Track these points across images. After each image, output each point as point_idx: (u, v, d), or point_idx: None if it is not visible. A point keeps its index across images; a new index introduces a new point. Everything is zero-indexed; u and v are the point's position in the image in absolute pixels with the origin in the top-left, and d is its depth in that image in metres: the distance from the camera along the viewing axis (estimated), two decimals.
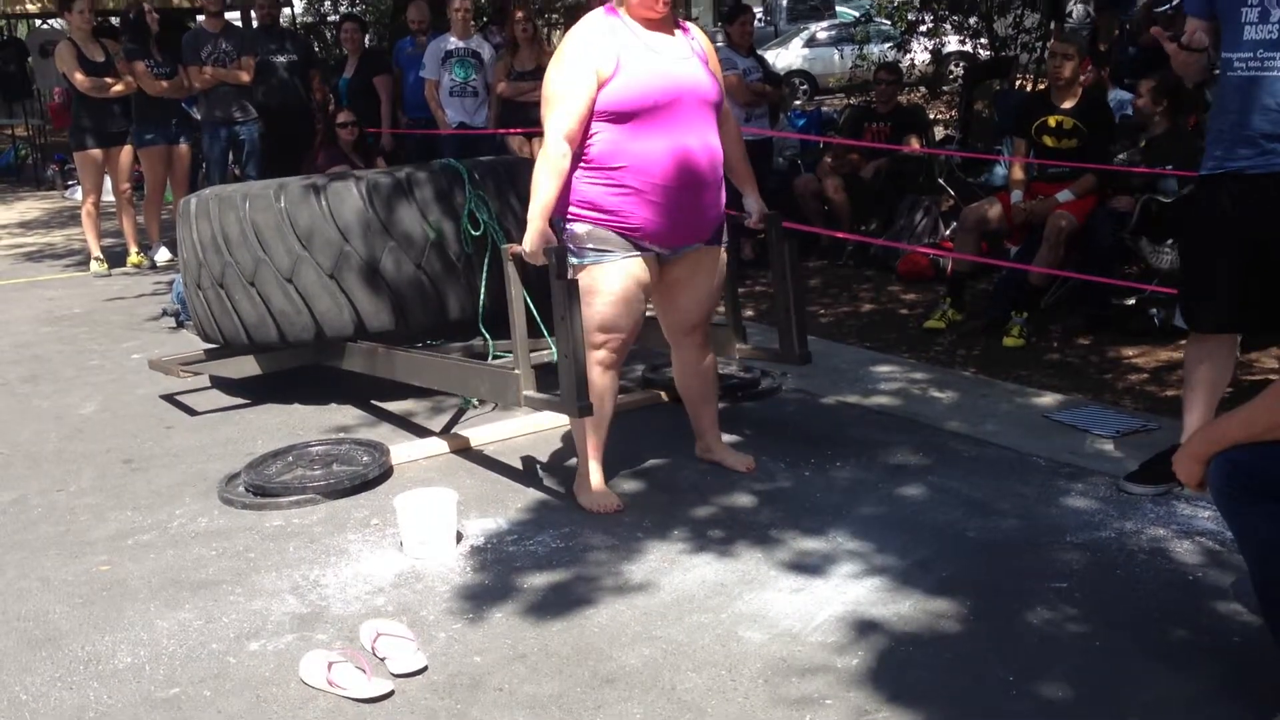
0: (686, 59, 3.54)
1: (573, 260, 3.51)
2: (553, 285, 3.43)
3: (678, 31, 3.60)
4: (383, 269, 4.58)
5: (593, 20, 3.52)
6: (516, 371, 3.74)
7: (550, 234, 3.47)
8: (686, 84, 3.49)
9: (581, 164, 3.49)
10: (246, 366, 4.92)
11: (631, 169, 3.45)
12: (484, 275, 4.62)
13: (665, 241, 3.57)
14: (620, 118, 3.44)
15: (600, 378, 3.62)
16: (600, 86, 3.42)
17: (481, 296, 4.65)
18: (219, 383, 5.22)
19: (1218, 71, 3.42)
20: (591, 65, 3.42)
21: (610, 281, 3.53)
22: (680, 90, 3.47)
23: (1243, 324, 3.49)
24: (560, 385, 3.53)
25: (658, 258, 3.60)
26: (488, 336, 4.65)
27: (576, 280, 3.45)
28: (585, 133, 3.46)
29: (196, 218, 4.76)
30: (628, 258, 3.53)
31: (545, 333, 4.02)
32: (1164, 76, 5.76)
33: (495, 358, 4.59)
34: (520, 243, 3.54)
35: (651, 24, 3.53)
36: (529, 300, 3.70)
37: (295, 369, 4.97)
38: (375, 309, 4.62)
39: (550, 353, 4.03)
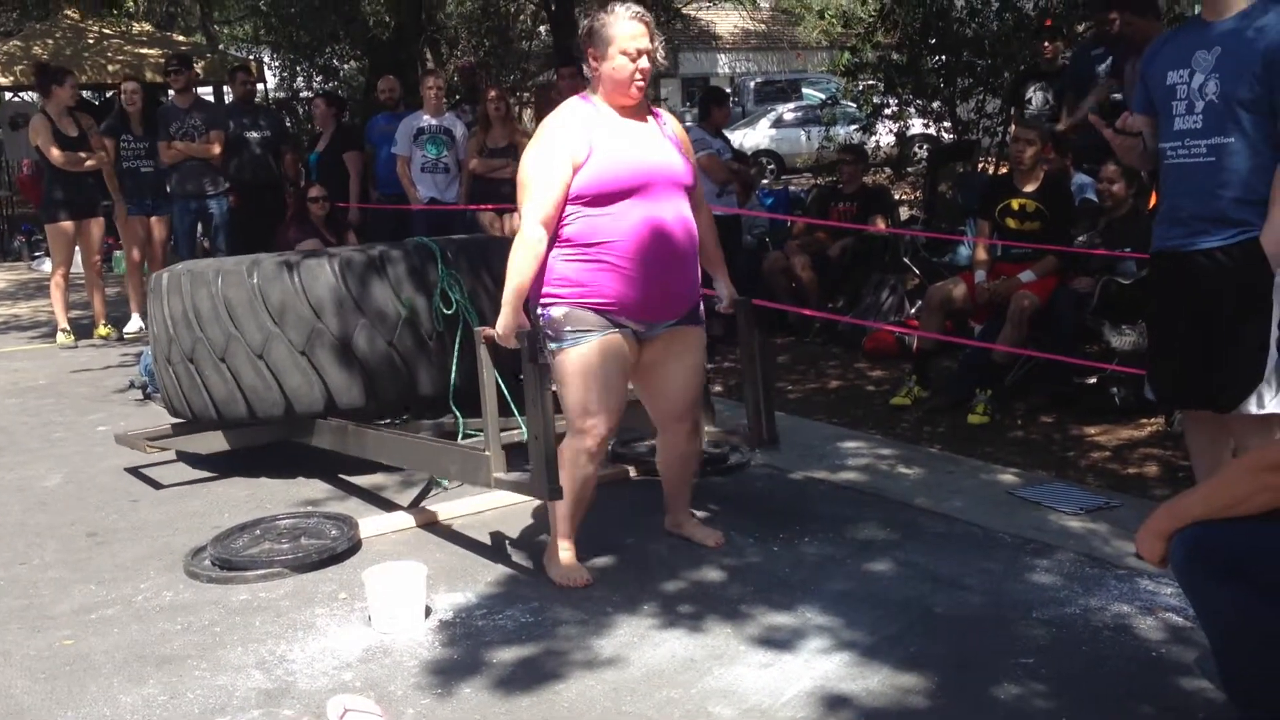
0: (659, 143, 3.62)
1: (552, 345, 3.54)
2: (524, 368, 3.48)
3: (650, 118, 3.68)
4: (354, 346, 4.60)
5: (567, 107, 3.61)
6: (487, 453, 3.75)
7: (524, 317, 3.53)
8: (659, 167, 3.57)
9: (558, 244, 3.54)
10: (214, 442, 4.88)
11: (607, 244, 3.51)
12: (455, 354, 4.65)
13: (641, 315, 3.59)
14: (595, 200, 3.50)
15: (585, 466, 3.63)
16: (575, 172, 3.49)
17: (453, 375, 4.67)
18: (185, 456, 5.19)
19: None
20: (566, 152, 3.49)
21: (591, 363, 3.54)
22: (653, 173, 3.55)
23: (1190, 398, 3.61)
24: (531, 467, 3.56)
25: (636, 336, 3.63)
26: (459, 414, 4.65)
27: (548, 364, 3.50)
28: (560, 216, 3.53)
29: (168, 293, 4.77)
30: (607, 334, 3.55)
31: (516, 412, 4.04)
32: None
33: (466, 436, 4.59)
34: (493, 324, 3.59)
35: (625, 110, 3.61)
36: (500, 380, 3.72)
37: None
38: (346, 385, 4.63)
39: (521, 432, 4.07)
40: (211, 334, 4.63)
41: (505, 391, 3.82)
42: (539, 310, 3.58)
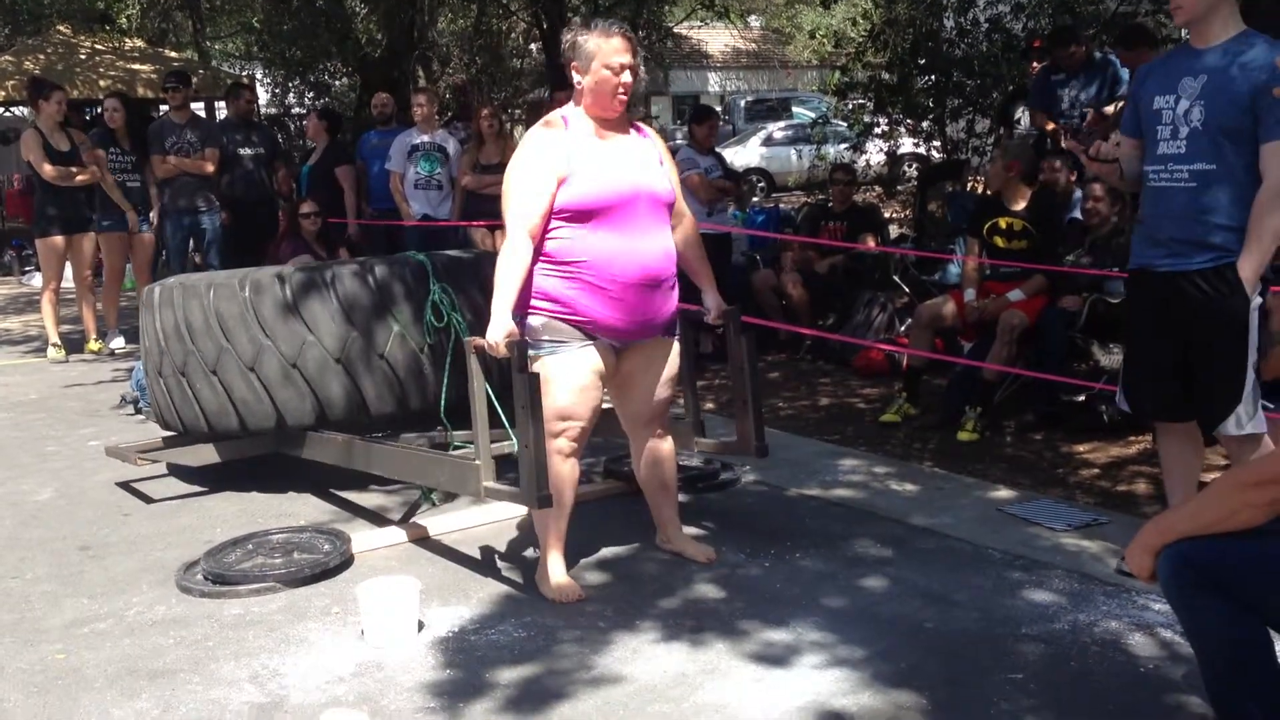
0: (639, 161, 3.67)
1: (530, 352, 3.58)
2: (514, 378, 3.49)
3: (632, 132, 3.73)
4: (345, 359, 4.61)
5: (550, 121, 3.66)
6: (477, 462, 3.76)
7: (513, 326, 3.55)
8: (639, 186, 3.63)
9: (540, 258, 3.60)
10: (205, 454, 4.88)
11: (588, 264, 3.57)
12: (447, 367, 4.66)
13: (618, 336, 3.67)
14: (576, 217, 3.57)
15: (560, 466, 3.67)
16: (559, 185, 3.54)
17: (444, 388, 4.69)
18: (177, 470, 5.20)
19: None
20: (550, 164, 3.55)
21: (566, 371, 3.61)
22: (633, 192, 3.61)
23: (1164, 410, 3.70)
24: (520, 476, 3.57)
25: (612, 348, 3.69)
26: (448, 426, 4.66)
27: (538, 374, 3.52)
28: (545, 227, 3.57)
29: (160, 306, 4.78)
30: (583, 347, 3.62)
31: (506, 424, 4.06)
32: None
33: (456, 448, 4.60)
34: (483, 335, 3.61)
35: (606, 124, 3.66)
36: (490, 392, 3.74)
37: (254, 457, 4.95)
38: (336, 398, 4.64)
39: (511, 444, 4.07)
40: (203, 347, 4.64)
41: (496, 404, 3.83)
42: (521, 319, 3.63)
